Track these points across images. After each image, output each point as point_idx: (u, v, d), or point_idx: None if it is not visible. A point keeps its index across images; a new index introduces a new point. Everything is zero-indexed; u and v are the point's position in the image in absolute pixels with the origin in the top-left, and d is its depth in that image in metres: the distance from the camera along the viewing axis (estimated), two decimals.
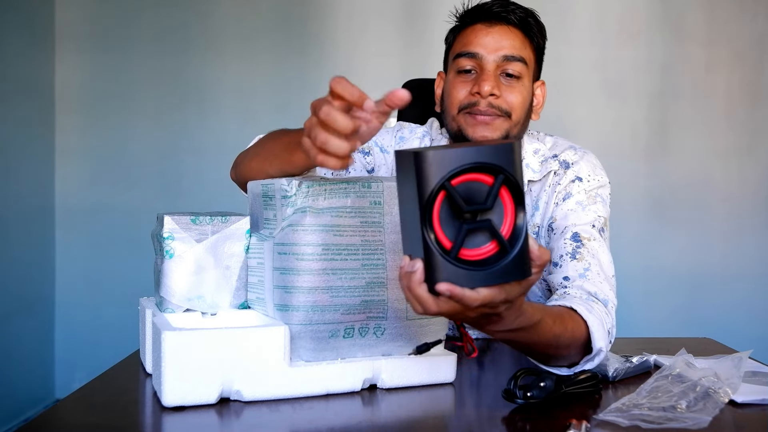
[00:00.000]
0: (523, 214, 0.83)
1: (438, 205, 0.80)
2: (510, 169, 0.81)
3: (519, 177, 0.82)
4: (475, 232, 0.82)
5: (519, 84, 1.33)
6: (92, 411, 0.96)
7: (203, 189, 3.30)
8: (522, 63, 1.32)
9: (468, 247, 0.82)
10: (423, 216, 0.79)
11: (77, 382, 2.99)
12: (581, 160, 1.38)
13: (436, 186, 0.79)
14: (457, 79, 1.34)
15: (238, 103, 3.30)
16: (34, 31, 3.17)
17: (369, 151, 1.45)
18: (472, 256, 0.81)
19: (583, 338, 1.11)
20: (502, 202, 0.83)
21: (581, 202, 1.34)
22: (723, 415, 0.96)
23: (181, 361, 0.92)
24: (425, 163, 0.79)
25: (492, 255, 0.82)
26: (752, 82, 3.31)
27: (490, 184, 0.81)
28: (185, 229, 1.05)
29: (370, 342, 1.02)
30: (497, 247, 0.82)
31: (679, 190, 3.30)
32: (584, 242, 1.29)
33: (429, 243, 0.79)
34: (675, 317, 3.29)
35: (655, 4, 3.29)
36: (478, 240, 0.82)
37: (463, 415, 1.01)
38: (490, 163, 0.80)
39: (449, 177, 0.79)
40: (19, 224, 3.06)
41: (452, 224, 0.81)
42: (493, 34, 1.32)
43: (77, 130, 3.33)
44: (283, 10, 3.30)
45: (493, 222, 0.82)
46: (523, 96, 1.33)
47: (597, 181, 1.37)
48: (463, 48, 1.34)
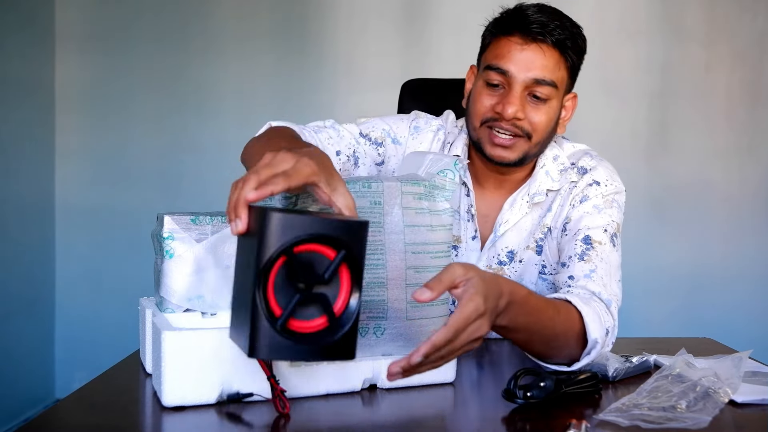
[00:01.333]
0: (359, 294, 0.82)
1: (276, 269, 0.79)
2: (355, 247, 0.80)
3: (362, 256, 0.81)
4: (309, 303, 0.80)
5: (545, 106, 1.30)
6: (92, 411, 0.96)
7: (203, 189, 3.29)
8: (552, 87, 1.29)
9: (299, 317, 0.80)
10: (258, 278, 0.78)
11: (77, 382, 2.99)
12: (599, 166, 1.38)
13: (276, 250, 0.77)
14: (485, 90, 1.32)
15: (238, 103, 3.30)
16: (34, 31, 3.17)
17: (381, 142, 1.39)
18: (300, 328, 0.80)
19: (578, 327, 1.12)
20: (340, 278, 0.81)
21: (597, 205, 1.34)
22: (723, 415, 0.96)
23: (181, 361, 0.92)
24: (271, 225, 0.77)
25: (321, 330, 0.81)
26: (752, 82, 3.31)
27: (332, 258, 0.80)
28: (185, 229, 1.05)
29: (370, 342, 1.01)
30: (327, 323, 0.81)
31: (679, 190, 3.30)
32: (594, 245, 1.29)
33: (258, 306, 0.78)
34: (675, 317, 3.29)
35: (655, 4, 3.29)
36: (310, 312, 0.81)
37: (463, 415, 1.01)
38: (335, 237, 0.79)
39: (292, 244, 0.78)
40: (19, 224, 3.06)
41: (287, 292, 0.80)
42: (527, 52, 1.28)
43: (77, 130, 3.33)
44: (283, 11, 3.30)
45: (327, 297, 0.81)
46: (548, 116, 1.31)
47: (614, 187, 1.37)
48: (494, 60, 1.30)
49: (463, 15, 3.21)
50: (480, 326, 0.87)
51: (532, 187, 1.38)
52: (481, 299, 0.86)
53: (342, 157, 1.33)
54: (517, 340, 1.08)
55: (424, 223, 1.05)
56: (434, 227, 1.07)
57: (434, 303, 1.05)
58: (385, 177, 1.06)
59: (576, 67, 1.35)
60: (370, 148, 1.38)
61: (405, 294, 1.03)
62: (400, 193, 1.04)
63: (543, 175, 1.38)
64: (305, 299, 0.80)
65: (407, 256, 1.03)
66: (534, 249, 1.39)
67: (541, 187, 1.37)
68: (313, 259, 0.80)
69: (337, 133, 1.34)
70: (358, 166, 1.36)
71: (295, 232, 0.78)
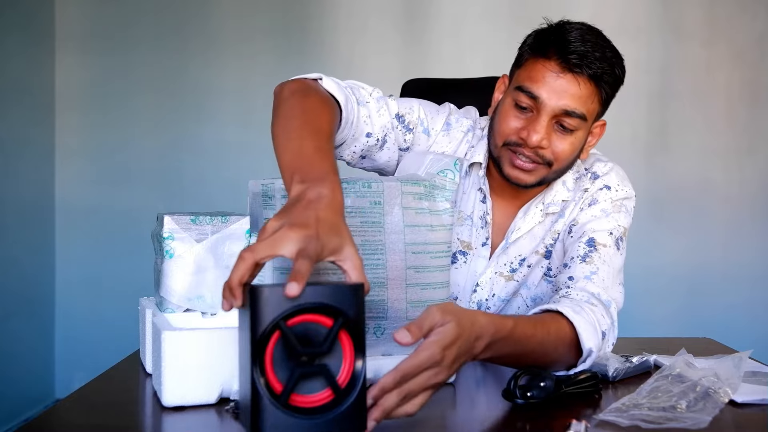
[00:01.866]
0: (363, 360, 0.79)
1: (272, 344, 0.76)
2: (351, 312, 0.78)
3: (361, 320, 0.79)
4: (310, 376, 0.78)
5: (571, 136, 1.27)
6: (92, 411, 0.96)
7: (203, 189, 3.30)
8: (581, 119, 1.25)
9: (302, 392, 0.78)
10: (253, 356, 0.76)
11: (77, 382, 2.99)
12: (611, 172, 1.37)
13: (269, 325, 0.75)
14: (512, 111, 1.28)
15: (238, 103, 3.30)
16: (34, 31, 3.17)
17: (413, 129, 1.35)
18: (304, 403, 0.77)
19: (570, 338, 1.11)
20: (342, 346, 0.79)
21: (605, 209, 1.33)
22: (723, 415, 0.96)
23: (181, 361, 0.92)
24: (260, 300, 0.75)
25: (326, 403, 0.78)
26: (752, 82, 3.31)
27: (330, 326, 0.78)
28: (185, 229, 1.05)
29: (370, 342, 1.01)
30: (332, 395, 0.78)
31: (679, 190, 3.30)
32: (598, 248, 1.28)
33: (257, 386, 0.75)
34: (675, 317, 3.29)
35: (655, 4, 3.29)
36: (313, 385, 0.78)
37: (463, 415, 1.01)
38: (329, 305, 0.77)
39: (284, 317, 0.76)
40: (19, 224, 3.06)
41: (286, 366, 0.77)
42: (562, 81, 1.24)
43: (77, 130, 3.33)
44: (283, 10, 3.30)
45: (329, 367, 0.78)
46: (573, 147, 1.28)
47: (624, 192, 1.36)
48: (527, 82, 1.26)
49: (463, 15, 3.21)
50: (436, 374, 0.85)
51: (547, 197, 1.36)
52: (438, 349, 0.84)
53: (371, 140, 1.29)
54: (505, 364, 1.07)
55: (424, 223, 1.05)
56: (434, 227, 1.07)
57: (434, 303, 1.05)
58: (385, 177, 1.06)
59: (610, 98, 1.31)
60: (400, 133, 1.34)
61: (405, 294, 1.03)
62: (400, 193, 1.04)
63: (560, 185, 1.37)
64: (306, 373, 0.78)
65: (407, 256, 1.03)
66: (543, 254, 1.38)
67: (556, 198, 1.36)
68: (310, 329, 0.78)
69: (378, 110, 1.30)
70: (383, 149, 1.33)
71: (286, 305, 0.76)
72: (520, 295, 1.41)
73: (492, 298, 1.39)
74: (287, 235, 0.80)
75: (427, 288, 1.05)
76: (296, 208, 0.84)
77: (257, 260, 0.79)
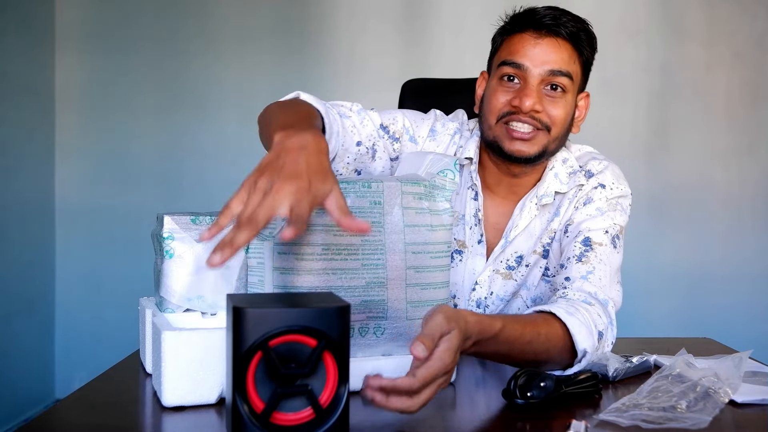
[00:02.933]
0: (346, 382, 0.80)
1: (254, 363, 0.77)
2: (334, 334, 0.78)
3: (345, 342, 0.79)
4: (294, 395, 0.78)
5: (562, 98, 1.30)
6: (92, 411, 0.96)
7: (203, 189, 3.30)
8: (567, 78, 1.29)
9: (284, 410, 0.78)
10: (235, 374, 0.76)
11: (77, 382, 2.99)
12: (606, 170, 1.37)
13: (249, 347, 0.76)
14: (500, 87, 1.31)
15: (238, 103, 3.30)
16: (34, 31, 3.17)
17: (399, 138, 1.36)
18: (286, 421, 0.78)
19: (563, 340, 1.11)
20: (325, 365, 0.79)
21: (600, 208, 1.33)
22: (723, 415, 0.96)
23: (181, 361, 0.92)
24: (243, 321, 0.76)
25: (308, 422, 0.79)
26: (752, 82, 3.31)
27: (314, 346, 0.78)
28: (185, 229, 1.05)
29: (370, 342, 1.02)
30: (314, 414, 0.79)
31: (679, 190, 3.30)
32: (594, 247, 1.28)
33: (237, 405, 0.76)
34: (675, 317, 3.29)
35: (655, 4, 3.29)
36: (296, 403, 0.79)
37: (463, 415, 1.01)
38: (312, 327, 0.77)
39: (266, 338, 0.76)
40: (19, 224, 3.06)
41: (269, 385, 0.78)
42: (542, 46, 1.28)
43: (77, 130, 3.33)
44: (283, 11, 3.30)
45: (311, 387, 0.78)
46: (565, 111, 1.30)
47: (620, 190, 1.36)
48: (509, 56, 1.30)
49: (463, 15, 3.22)
50: (445, 380, 0.89)
51: (540, 189, 1.36)
52: (449, 357, 0.87)
53: (362, 148, 1.31)
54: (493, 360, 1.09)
55: (424, 223, 1.05)
56: (434, 227, 1.07)
57: (434, 303, 1.05)
58: (386, 177, 1.06)
59: (589, 63, 1.34)
60: (387, 142, 1.36)
61: (405, 294, 1.03)
62: (400, 193, 1.04)
63: (552, 178, 1.36)
64: (288, 392, 0.78)
65: (407, 256, 1.03)
66: (540, 253, 1.38)
67: (549, 189, 1.36)
68: (294, 348, 0.78)
69: (360, 121, 1.32)
70: (375, 159, 1.34)
71: (269, 327, 0.76)
72: (521, 297, 1.41)
73: (491, 296, 1.40)
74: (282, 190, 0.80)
75: (427, 288, 1.05)
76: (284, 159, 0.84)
77: (260, 229, 0.79)
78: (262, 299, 0.85)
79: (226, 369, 0.82)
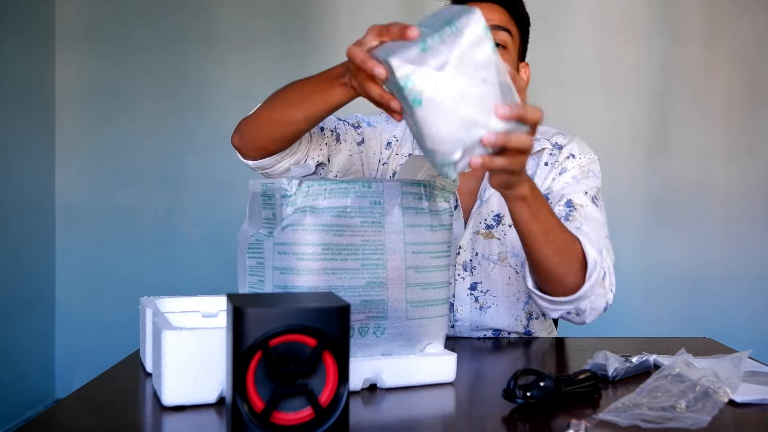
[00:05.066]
0: (346, 382, 0.80)
1: (254, 363, 0.78)
2: (334, 333, 0.78)
3: (344, 342, 0.79)
4: (294, 395, 0.79)
5: (506, 53, 1.40)
6: (92, 411, 0.96)
7: (203, 189, 3.30)
8: (507, 33, 1.40)
9: (284, 410, 0.79)
10: (234, 374, 0.77)
11: (77, 382, 2.99)
12: (572, 141, 1.49)
13: (251, 345, 0.76)
14: None
15: (239, 104, 3.27)
16: (34, 31, 3.17)
17: (357, 125, 1.48)
18: (286, 420, 0.79)
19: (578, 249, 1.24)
20: (325, 366, 0.80)
21: (576, 176, 1.44)
22: (722, 415, 0.96)
23: (181, 360, 0.92)
24: (243, 321, 0.76)
25: (307, 421, 0.79)
26: (752, 82, 3.31)
27: (313, 346, 0.79)
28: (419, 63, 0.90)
29: (369, 342, 1.02)
30: (314, 414, 0.79)
31: (679, 190, 3.30)
32: (577, 207, 1.39)
33: (237, 404, 0.77)
34: (675, 317, 3.29)
35: (655, 4, 3.29)
36: (296, 403, 0.79)
37: (463, 415, 1.01)
38: (311, 327, 0.78)
39: (266, 338, 0.77)
40: (20, 223, 3.06)
41: (269, 385, 0.78)
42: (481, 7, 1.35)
43: (77, 130, 3.33)
44: (283, 12, 3.30)
45: (311, 387, 0.79)
46: (510, 64, 1.37)
47: (587, 158, 1.47)
48: None
49: None
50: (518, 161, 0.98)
51: None
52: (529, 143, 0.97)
53: (326, 131, 1.40)
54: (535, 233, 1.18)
55: (424, 223, 1.06)
56: (434, 227, 1.07)
57: (434, 303, 1.06)
58: (385, 177, 1.07)
59: (525, 30, 1.46)
60: (348, 127, 1.45)
61: (405, 294, 1.03)
62: (401, 193, 1.04)
63: None
64: (288, 392, 0.79)
65: (407, 256, 1.03)
66: None
67: None
68: (295, 348, 0.78)
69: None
70: (340, 142, 1.42)
71: (269, 327, 0.77)
72: (509, 264, 1.45)
73: (476, 257, 1.46)
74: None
75: (427, 288, 1.05)
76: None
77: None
78: (262, 299, 0.85)
79: (226, 369, 0.82)
